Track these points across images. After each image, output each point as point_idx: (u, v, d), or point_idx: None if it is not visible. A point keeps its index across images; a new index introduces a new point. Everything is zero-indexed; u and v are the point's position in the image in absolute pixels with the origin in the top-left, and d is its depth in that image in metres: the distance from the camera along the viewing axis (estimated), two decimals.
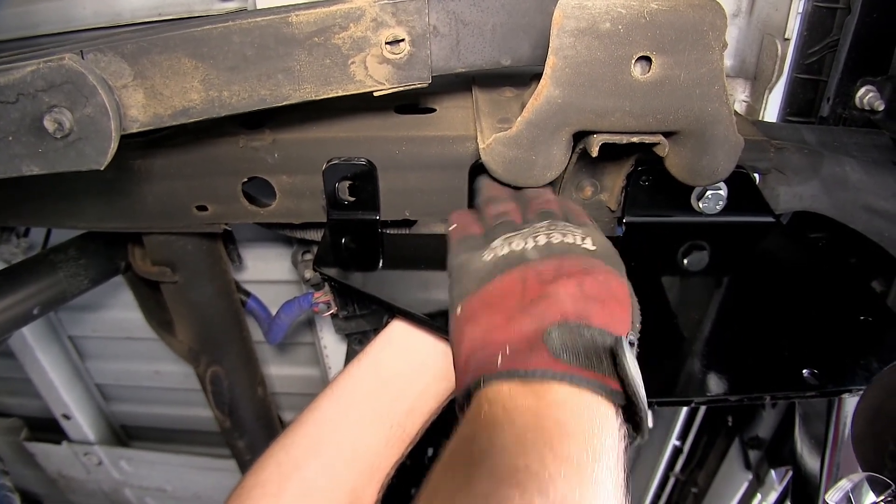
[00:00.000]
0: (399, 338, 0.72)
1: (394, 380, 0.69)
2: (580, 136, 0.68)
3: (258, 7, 1.01)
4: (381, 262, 0.83)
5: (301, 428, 0.67)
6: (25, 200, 0.91)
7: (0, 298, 0.92)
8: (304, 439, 0.66)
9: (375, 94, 0.73)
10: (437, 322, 0.72)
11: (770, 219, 0.87)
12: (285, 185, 0.83)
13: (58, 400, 1.87)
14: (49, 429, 2.03)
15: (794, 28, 0.91)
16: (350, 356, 1.57)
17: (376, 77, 0.72)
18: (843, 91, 0.96)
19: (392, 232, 0.88)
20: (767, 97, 0.98)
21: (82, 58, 0.65)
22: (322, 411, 0.68)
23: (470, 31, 0.74)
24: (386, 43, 0.70)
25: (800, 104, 1.00)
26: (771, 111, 1.00)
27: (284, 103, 0.71)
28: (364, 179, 0.81)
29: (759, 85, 0.99)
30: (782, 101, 0.99)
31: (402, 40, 0.71)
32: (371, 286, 0.78)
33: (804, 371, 0.68)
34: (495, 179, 0.73)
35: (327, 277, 0.78)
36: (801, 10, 0.91)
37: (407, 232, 0.88)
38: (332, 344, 1.61)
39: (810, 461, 0.99)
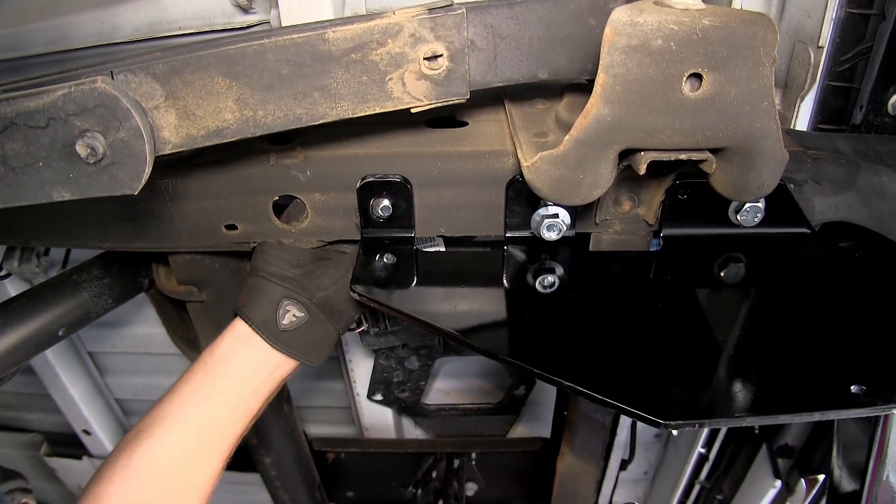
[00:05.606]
0: (242, 336, 0.86)
1: (237, 369, 0.84)
2: (625, 153, 0.66)
3: (281, 18, 1.00)
4: (415, 279, 0.82)
5: (156, 409, 0.80)
6: (48, 221, 0.89)
7: (25, 321, 0.90)
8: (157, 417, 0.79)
9: (413, 110, 0.71)
10: (472, 340, 0.71)
11: (806, 230, 0.86)
12: (318, 203, 0.82)
13: (78, 415, 1.86)
14: (69, 444, 2.02)
15: (827, 35, 0.90)
16: (377, 370, 1.56)
17: (414, 93, 0.70)
18: (875, 98, 0.94)
19: (426, 249, 0.86)
20: (799, 105, 0.96)
21: (112, 78, 0.63)
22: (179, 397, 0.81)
23: (507, 44, 0.72)
24: (424, 58, 0.69)
25: (831, 112, 0.98)
26: (802, 119, 0.98)
27: (321, 122, 0.70)
28: (399, 196, 0.79)
29: (790, 93, 0.98)
30: (813, 109, 0.98)
31: (441, 55, 0.69)
32: (407, 304, 0.77)
33: (853, 387, 0.67)
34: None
35: (364, 297, 0.77)
36: (834, 16, 0.90)
37: (442, 249, 0.87)
38: (356, 358, 1.60)
39: (847, 484, 0.98)
